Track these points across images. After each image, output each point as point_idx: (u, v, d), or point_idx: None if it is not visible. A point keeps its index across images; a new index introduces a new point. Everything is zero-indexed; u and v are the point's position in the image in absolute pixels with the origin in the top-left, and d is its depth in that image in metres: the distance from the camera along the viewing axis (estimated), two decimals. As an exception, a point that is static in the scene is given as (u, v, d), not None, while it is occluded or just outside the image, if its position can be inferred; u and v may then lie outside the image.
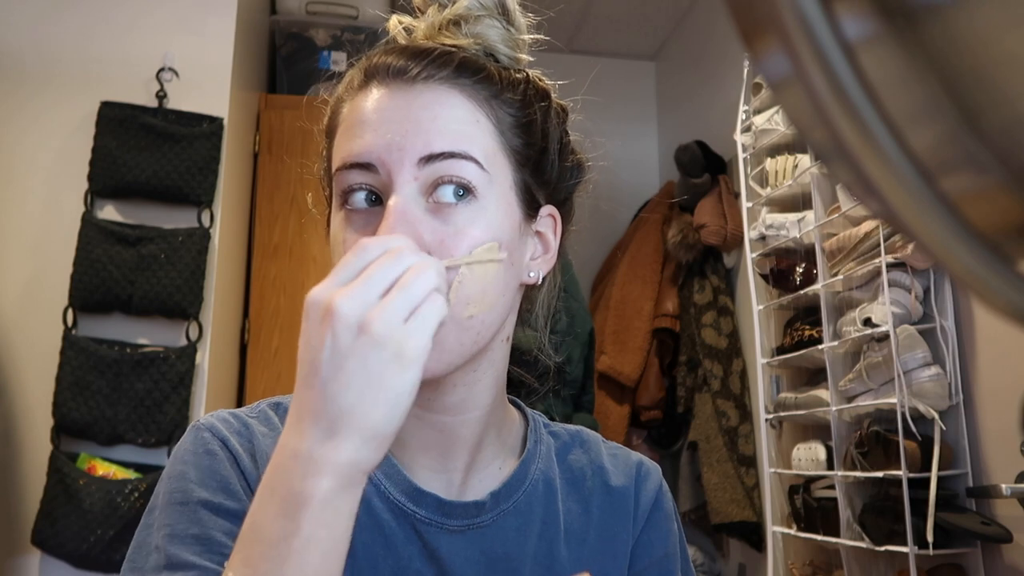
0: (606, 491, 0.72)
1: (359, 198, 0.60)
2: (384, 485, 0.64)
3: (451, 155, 0.59)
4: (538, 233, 0.67)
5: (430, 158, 0.58)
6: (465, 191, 0.59)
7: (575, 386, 1.76)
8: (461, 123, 0.60)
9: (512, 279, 0.63)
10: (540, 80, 0.68)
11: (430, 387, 0.63)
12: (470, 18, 0.65)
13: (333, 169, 0.62)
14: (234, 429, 0.63)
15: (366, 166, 0.59)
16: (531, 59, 0.68)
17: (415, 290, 0.50)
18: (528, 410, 0.75)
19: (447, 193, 0.59)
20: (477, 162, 0.60)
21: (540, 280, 0.67)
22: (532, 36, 0.68)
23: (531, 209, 0.66)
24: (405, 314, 0.49)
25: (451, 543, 0.64)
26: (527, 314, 0.71)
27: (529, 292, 0.69)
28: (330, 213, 0.66)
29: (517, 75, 0.66)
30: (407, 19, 0.69)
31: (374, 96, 0.62)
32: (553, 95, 0.69)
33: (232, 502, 0.59)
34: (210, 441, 0.62)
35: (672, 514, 0.75)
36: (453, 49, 0.63)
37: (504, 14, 0.67)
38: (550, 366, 0.75)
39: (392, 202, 0.58)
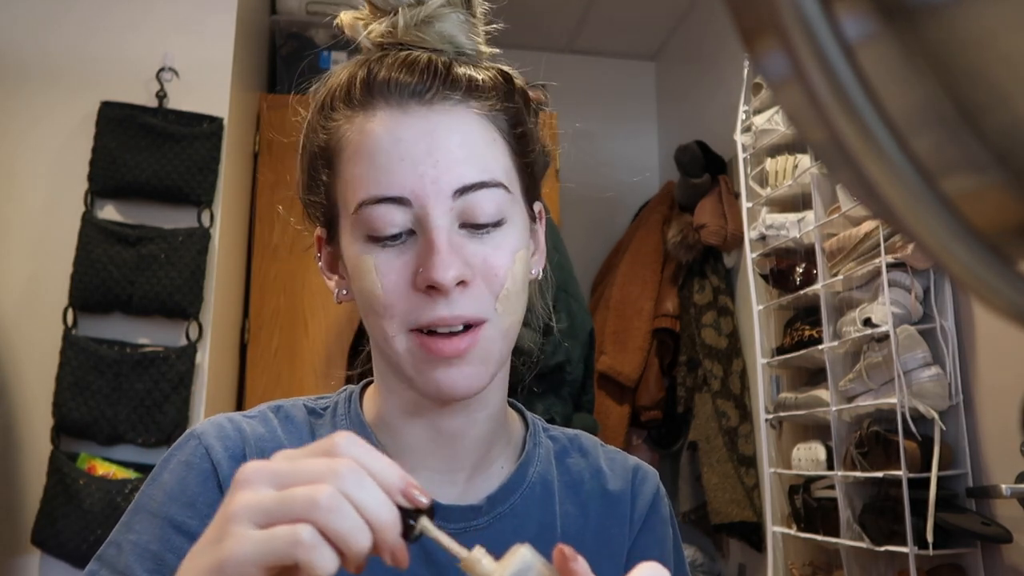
0: (603, 494, 0.73)
1: (391, 231, 0.60)
2: None
3: (483, 185, 0.60)
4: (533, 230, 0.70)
5: (464, 190, 0.60)
6: (496, 215, 0.61)
7: (575, 386, 1.76)
8: (484, 146, 0.62)
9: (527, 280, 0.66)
10: (517, 78, 0.68)
11: None
12: (440, 16, 0.65)
13: (356, 200, 0.61)
14: (225, 434, 0.64)
15: (398, 200, 0.59)
16: (496, 51, 0.68)
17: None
18: (527, 413, 0.76)
19: (481, 219, 0.61)
20: (504, 187, 0.62)
21: (540, 275, 0.70)
22: (490, 26, 0.68)
23: (532, 210, 0.68)
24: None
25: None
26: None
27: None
28: (325, 235, 0.67)
29: (503, 79, 0.66)
30: (360, 14, 0.68)
31: (388, 120, 0.61)
32: (529, 92, 0.69)
33: (195, 521, 0.60)
34: (194, 450, 0.63)
35: (668, 518, 0.75)
36: (450, 61, 0.63)
37: (467, 6, 0.66)
38: (539, 357, 0.77)
39: (436, 236, 0.59)
